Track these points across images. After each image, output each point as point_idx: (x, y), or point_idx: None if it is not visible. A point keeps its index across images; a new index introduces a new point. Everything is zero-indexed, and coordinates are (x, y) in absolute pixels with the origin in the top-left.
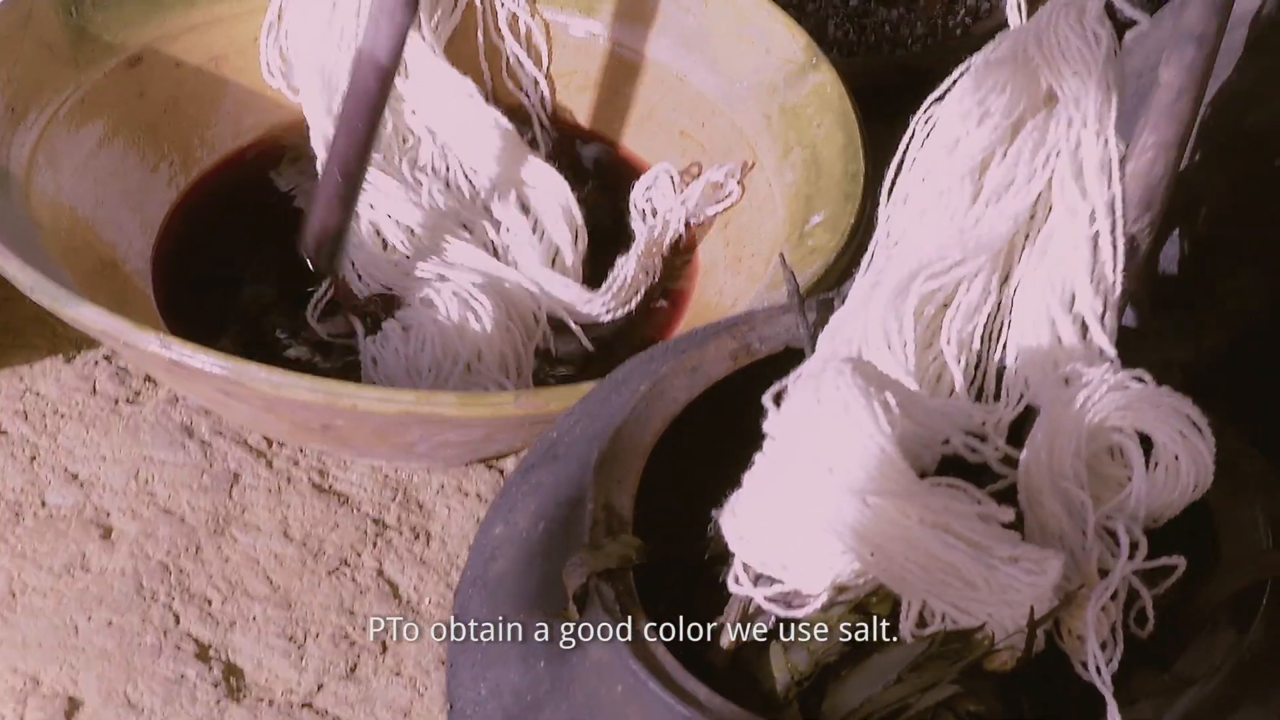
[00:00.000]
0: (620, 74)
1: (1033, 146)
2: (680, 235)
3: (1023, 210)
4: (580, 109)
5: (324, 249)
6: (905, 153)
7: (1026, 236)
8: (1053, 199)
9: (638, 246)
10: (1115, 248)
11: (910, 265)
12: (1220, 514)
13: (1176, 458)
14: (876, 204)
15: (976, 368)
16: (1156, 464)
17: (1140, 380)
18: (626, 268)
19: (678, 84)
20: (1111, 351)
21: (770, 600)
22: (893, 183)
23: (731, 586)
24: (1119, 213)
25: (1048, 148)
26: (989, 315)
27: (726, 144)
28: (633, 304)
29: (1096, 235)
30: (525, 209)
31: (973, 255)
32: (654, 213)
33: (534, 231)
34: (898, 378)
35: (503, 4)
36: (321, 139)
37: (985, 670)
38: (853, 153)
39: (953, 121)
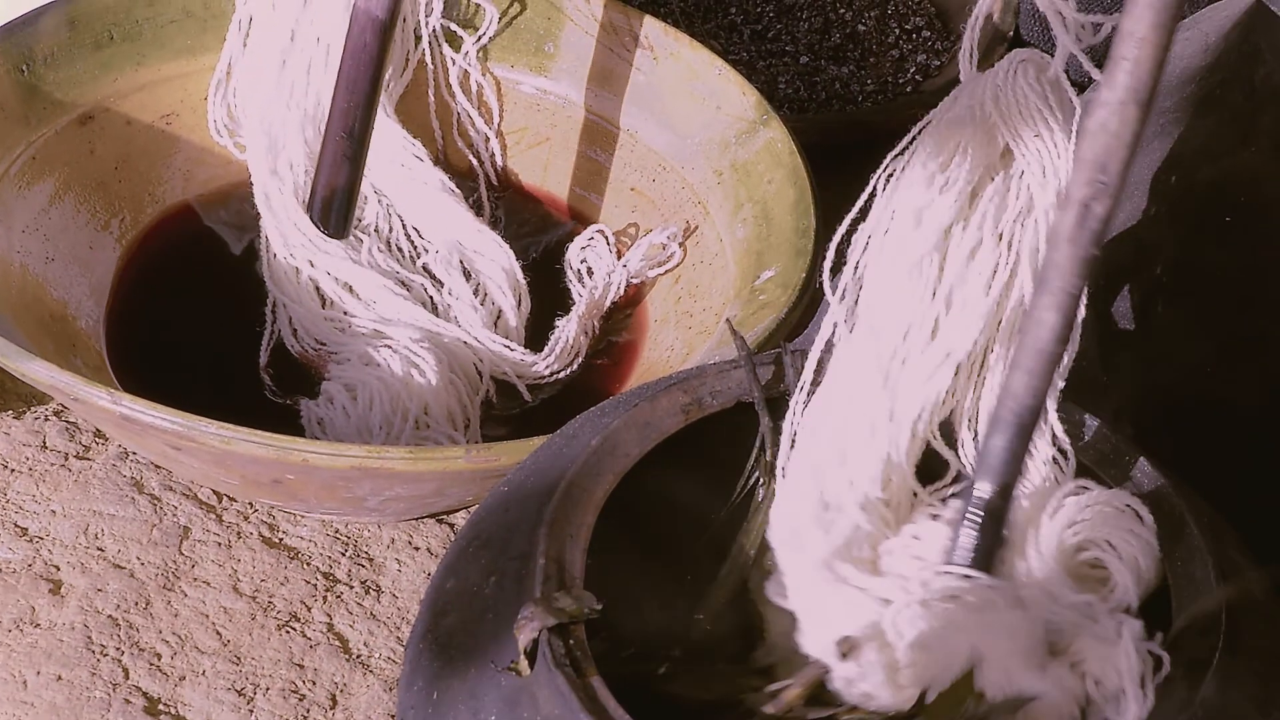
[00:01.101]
0: (570, 130)
1: (994, 214)
2: (622, 294)
3: (992, 304)
4: (530, 166)
5: (332, 210)
6: (866, 212)
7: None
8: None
9: (578, 309)
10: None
11: (913, 402)
12: (1172, 567)
13: (1137, 559)
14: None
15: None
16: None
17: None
18: (567, 330)
19: (628, 140)
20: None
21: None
22: (844, 242)
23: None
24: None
25: (1010, 213)
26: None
27: (677, 200)
28: (575, 365)
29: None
30: (468, 274)
31: (957, 352)
32: (590, 273)
33: (476, 295)
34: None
35: (454, 62)
36: (263, 196)
37: None
38: (804, 209)
39: (917, 189)
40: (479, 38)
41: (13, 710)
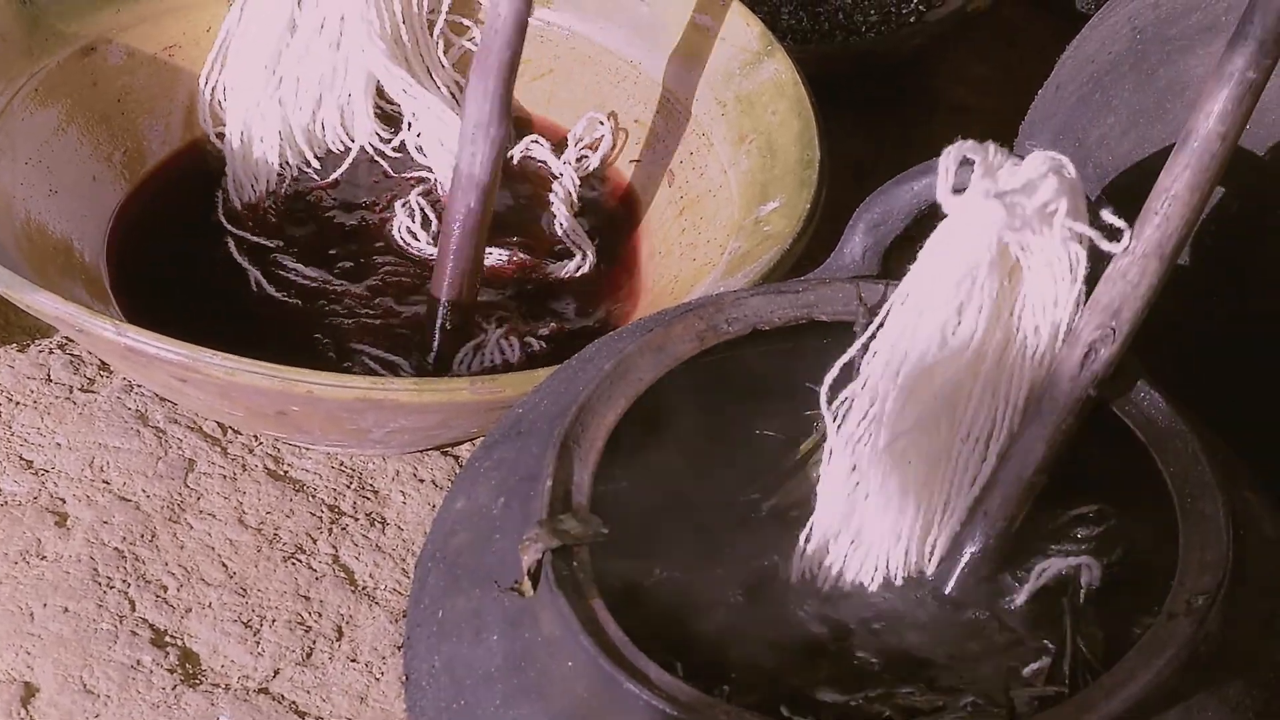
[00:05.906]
0: (573, 63)
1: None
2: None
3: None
4: (534, 99)
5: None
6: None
7: None
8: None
9: (557, 200)
10: None
11: None
12: (1182, 503)
13: None
14: (827, 193)
15: None
16: None
17: None
18: (561, 217)
19: (631, 72)
20: None
21: None
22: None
23: None
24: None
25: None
26: None
27: (680, 132)
28: (593, 253)
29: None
30: None
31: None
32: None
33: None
34: None
35: None
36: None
37: None
38: (808, 140)
39: (929, 339)
40: None
41: (20, 642)
